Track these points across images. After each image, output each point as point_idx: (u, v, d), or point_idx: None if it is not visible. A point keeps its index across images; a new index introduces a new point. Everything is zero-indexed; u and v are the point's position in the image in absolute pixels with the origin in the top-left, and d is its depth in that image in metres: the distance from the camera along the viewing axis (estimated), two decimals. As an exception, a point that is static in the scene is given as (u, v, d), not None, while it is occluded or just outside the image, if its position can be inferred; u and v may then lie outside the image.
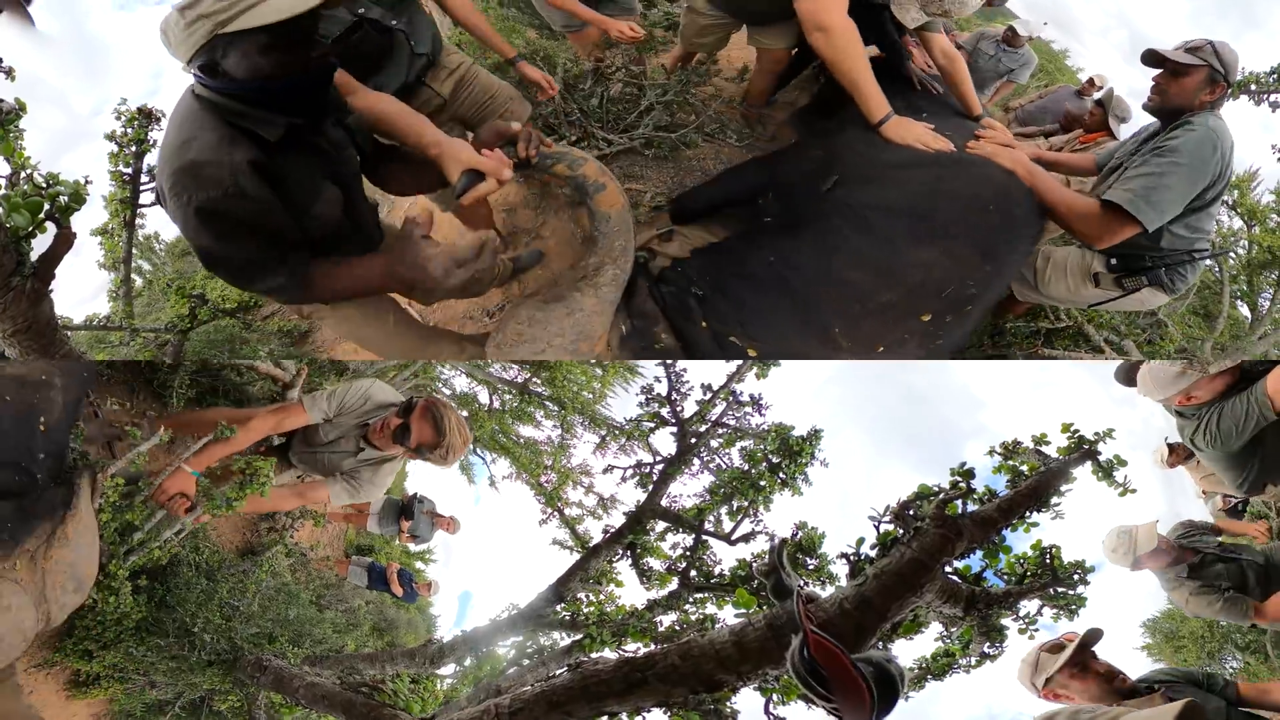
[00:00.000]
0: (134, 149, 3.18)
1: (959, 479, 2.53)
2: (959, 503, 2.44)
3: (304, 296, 2.13)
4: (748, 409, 4.49)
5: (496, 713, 2.27)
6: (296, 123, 1.94)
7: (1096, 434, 2.82)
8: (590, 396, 5.91)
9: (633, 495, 4.35)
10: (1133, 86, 5.48)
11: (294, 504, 3.98)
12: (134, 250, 3.48)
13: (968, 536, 2.31)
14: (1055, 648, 2.47)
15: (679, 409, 4.46)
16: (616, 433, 4.99)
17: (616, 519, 4.47)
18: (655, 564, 4.04)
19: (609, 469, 4.72)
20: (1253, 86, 4.09)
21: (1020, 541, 2.58)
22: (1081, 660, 2.42)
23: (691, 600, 3.68)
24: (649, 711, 2.33)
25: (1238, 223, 4.71)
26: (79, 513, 2.40)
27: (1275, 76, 4.10)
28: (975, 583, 2.44)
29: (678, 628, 3.34)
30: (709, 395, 4.37)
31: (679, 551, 4.07)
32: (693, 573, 3.86)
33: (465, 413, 5.68)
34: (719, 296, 2.30)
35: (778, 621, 2.17)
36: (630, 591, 3.96)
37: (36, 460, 2.26)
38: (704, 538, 4.15)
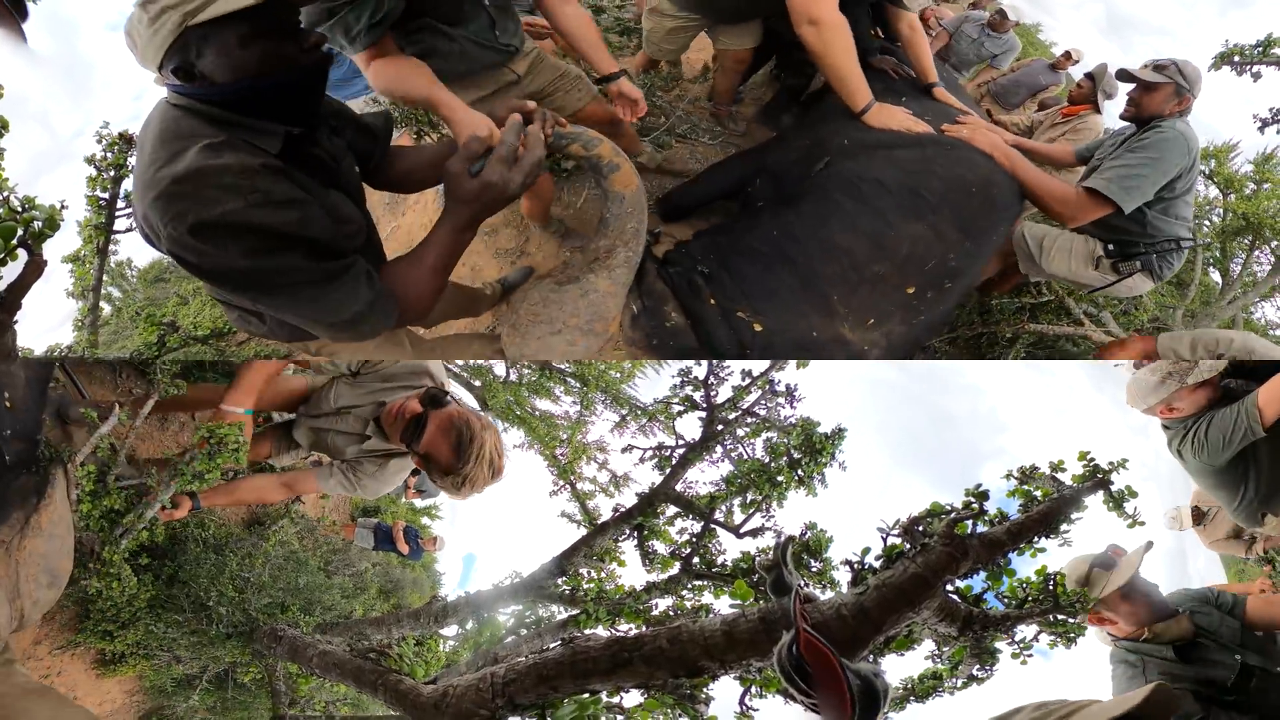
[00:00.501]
0: (112, 174, 3.12)
1: (972, 499, 2.51)
2: (969, 523, 2.43)
3: (401, 315, 1.84)
4: (781, 399, 4.51)
5: (492, 682, 2.33)
6: (294, 132, 1.69)
7: (1110, 463, 2.82)
8: (618, 376, 5.95)
9: (647, 477, 4.38)
10: (1107, 61, 5.56)
11: (280, 495, 3.71)
12: (104, 277, 3.37)
13: (973, 557, 2.31)
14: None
15: (714, 394, 4.49)
16: (638, 413, 5.00)
17: (627, 499, 4.52)
18: (660, 547, 4.07)
19: (629, 448, 4.74)
20: (1236, 59, 4.27)
21: (1025, 566, 2.58)
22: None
23: (689, 587, 3.72)
24: (628, 691, 2.37)
25: (1214, 191, 5.05)
26: (53, 503, 2.30)
27: (1260, 50, 4.24)
28: (975, 603, 2.43)
29: (672, 613, 3.38)
30: (748, 381, 4.38)
31: (685, 537, 4.11)
32: (695, 560, 3.89)
33: (479, 382, 5.67)
34: (724, 273, 2.34)
35: (771, 616, 2.22)
36: (631, 572, 4.01)
37: (4, 438, 2.14)
38: (712, 527, 4.19)
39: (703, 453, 4.49)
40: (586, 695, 2.31)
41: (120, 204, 3.21)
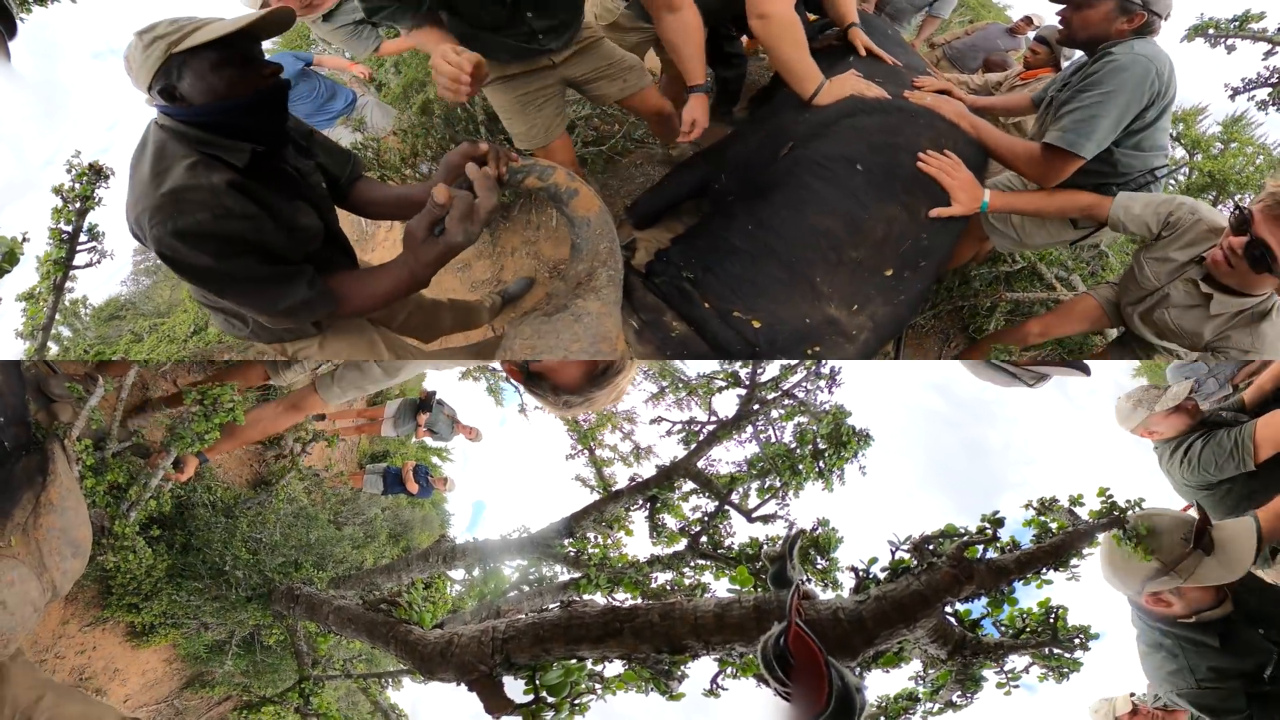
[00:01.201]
0: (78, 205, 3.11)
1: (987, 525, 2.52)
2: (980, 547, 2.45)
3: (340, 308, 2.18)
4: (823, 383, 4.52)
5: (493, 636, 2.43)
6: (259, 149, 2.02)
7: (1128, 501, 2.82)
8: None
9: (670, 451, 4.41)
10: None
11: (287, 420, 3.72)
12: (57, 315, 3.35)
13: (978, 581, 2.33)
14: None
15: (758, 372, 4.50)
16: (678, 385, 5.02)
17: (646, 471, 4.55)
18: (670, 522, 4.14)
19: (658, 420, 4.78)
20: (1210, 31, 4.37)
21: (1030, 596, 2.58)
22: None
23: (692, 565, 3.78)
24: (612, 661, 2.45)
25: (1180, 152, 5.30)
26: (59, 477, 2.44)
27: (1236, 24, 4.37)
28: (970, 628, 2.45)
29: (670, 588, 3.46)
30: (799, 360, 4.38)
31: (697, 515, 4.17)
32: (703, 539, 3.95)
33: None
34: (709, 275, 2.33)
35: (766, 606, 2.30)
36: (636, 542, 4.08)
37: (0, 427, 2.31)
38: (726, 507, 4.23)
39: (733, 431, 4.54)
40: (574, 661, 2.39)
41: (83, 238, 3.18)
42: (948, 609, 2.38)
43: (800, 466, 4.27)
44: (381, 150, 4.14)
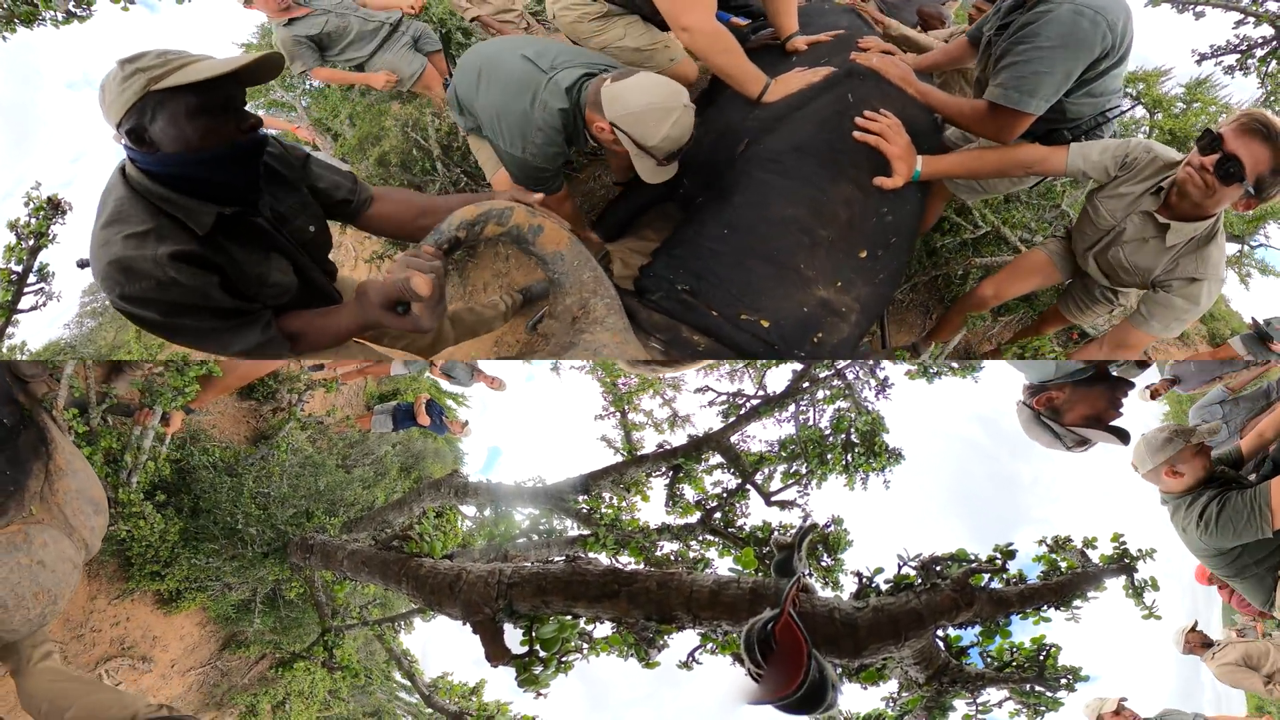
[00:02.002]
0: (32, 243, 2.99)
1: (998, 555, 2.56)
2: (986, 576, 2.48)
3: (294, 349, 2.17)
4: (874, 382, 4.57)
5: (499, 579, 2.55)
6: (226, 212, 1.91)
7: (1140, 550, 2.83)
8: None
9: (706, 422, 4.47)
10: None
11: (272, 364, 3.77)
12: None
13: (976, 609, 2.35)
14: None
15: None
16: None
17: (677, 439, 4.63)
18: (689, 493, 4.24)
19: (704, 389, 4.84)
20: None
21: (1025, 631, 2.61)
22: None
23: (700, 539, 3.87)
24: (603, 622, 2.55)
25: (1140, 112, 5.65)
26: (59, 444, 2.55)
27: None
28: (956, 655, 2.49)
29: (673, 558, 3.56)
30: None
31: (717, 490, 4.26)
32: (717, 515, 4.03)
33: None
34: (704, 284, 2.36)
35: (762, 591, 2.35)
36: (650, 509, 4.18)
37: (-6, 409, 2.37)
38: (748, 487, 4.31)
39: (776, 408, 4.59)
40: (568, 618, 2.50)
41: (31, 278, 3.08)
42: (939, 632, 2.42)
43: (829, 456, 4.33)
44: None
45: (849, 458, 4.35)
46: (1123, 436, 2.55)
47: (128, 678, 4.01)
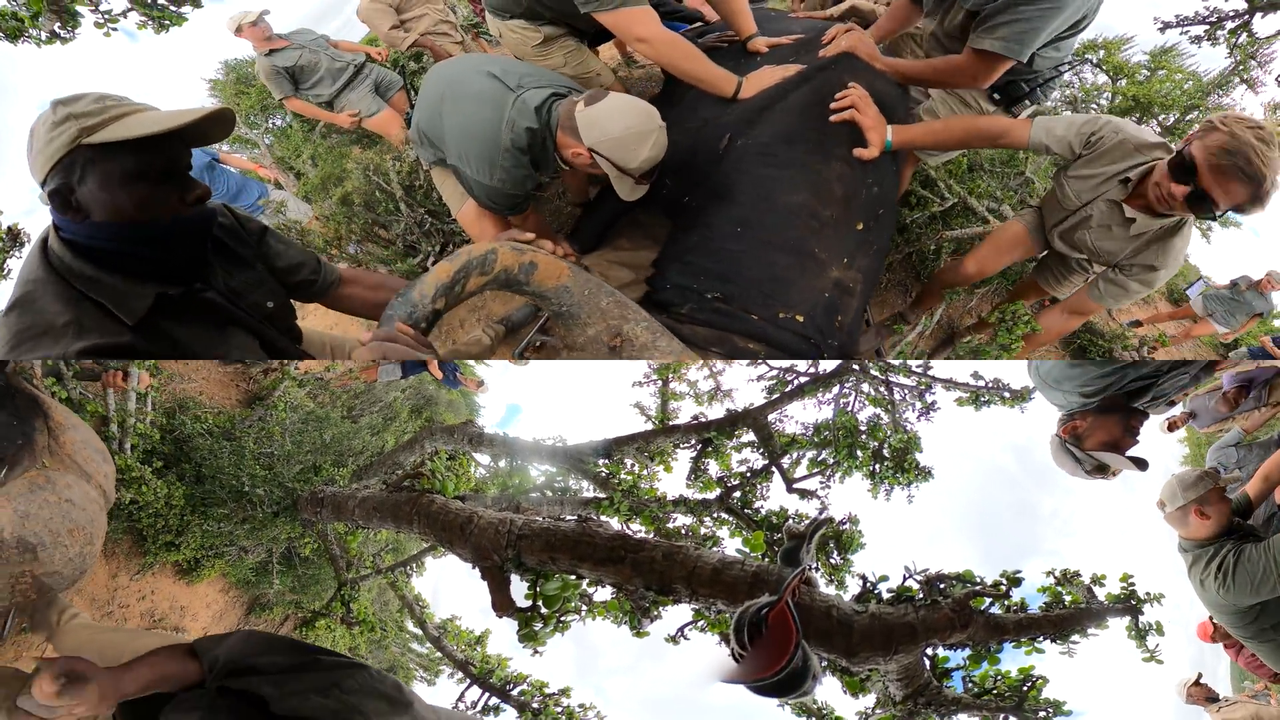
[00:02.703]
0: None
1: (1004, 581, 2.59)
2: (988, 600, 2.52)
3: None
4: (918, 404, 4.61)
5: (510, 529, 2.66)
6: (171, 294, 1.63)
7: (1148, 594, 2.83)
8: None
9: (749, 398, 4.50)
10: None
11: None
12: None
13: (971, 631, 2.39)
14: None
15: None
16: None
17: (715, 413, 4.66)
18: (714, 468, 4.30)
19: (756, 362, 4.85)
20: None
21: (1015, 659, 2.64)
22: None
23: (714, 517, 3.94)
24: (604, 586, 2.64)
25: (1102, 78, 6.05)
26: (51, 404, 2.59)
27: None
28: (938, 676, 2.54)
29: (684, 532, 3.62)
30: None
31: (741, 469, 4.32)
32: (736, 494, 4.09)
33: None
34: (734, 287, 2.38)
35: (765, 577, 2.44)
36: (670, 480, 4.26)
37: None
38: (773, 469, 4.37)
39: (820, 389, 4.61)
40: (572, 578, 2.60)
41: None
42: (929, 650, 2.48)
43: (859, 453, 4.38)
44: (305, 234, 4.20)
45: (876, 466, 4.40)
46: (1141, 465, 2.59)
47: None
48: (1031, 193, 4.75)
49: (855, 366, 4.56)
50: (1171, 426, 5.23)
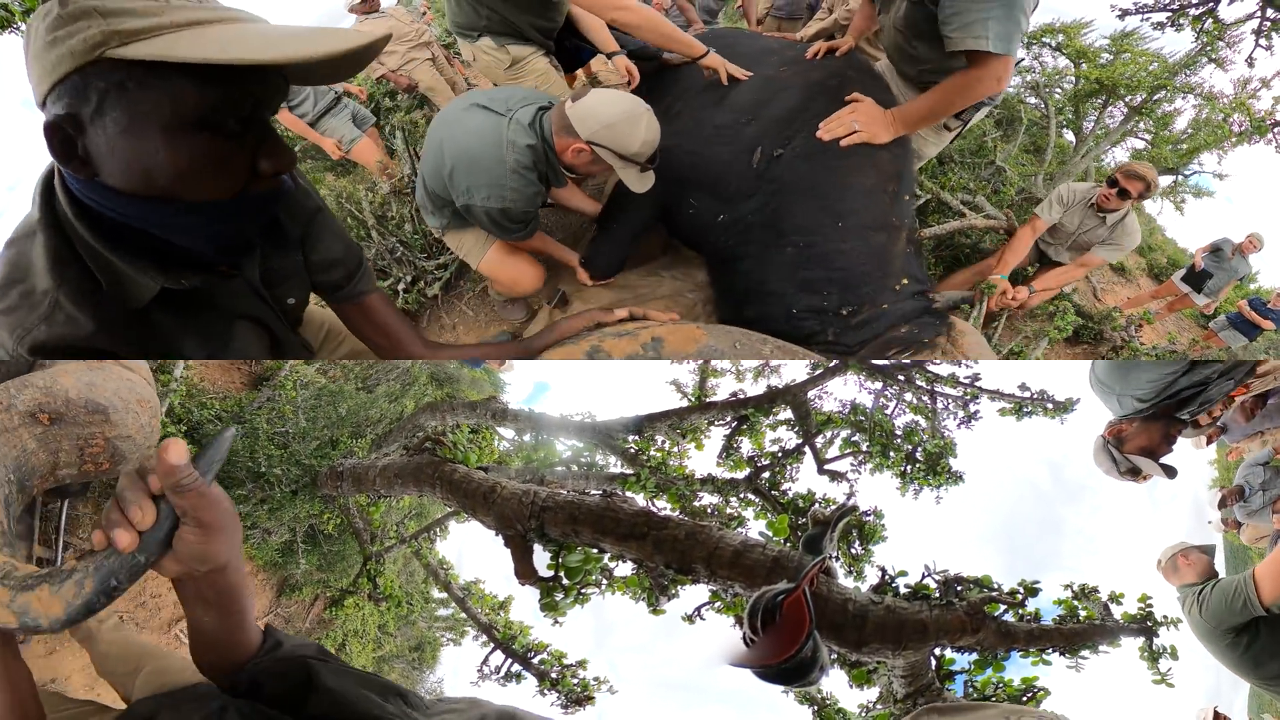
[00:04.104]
0: None
1: (1020, 590, 2.67)
2: (1002, 607, 2.60)
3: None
4: (961, 413, 4.72)
5: (533, 500, 2.80)
6: (184, 284, 1.23)
7: (1165, 618, 2.88)
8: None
9: (792, 375, 4.57)
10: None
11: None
12: None
13: (981, 636, 2.49)
14: None
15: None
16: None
17: (755, 390, 4.77)
18: (746, 447, 4.42)
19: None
20: None
21: (1020, 669, 2.74)
22: None
23: (740, 497, 4.05)
24: (625, 561, 2.76)
25: (1064, 62, 6.59)
26: None
27: None
28: (942, 678, 2.63)
29: (709, 511, 3.74)
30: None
31: (774, 448, 4.45)
32: (765, 474, 4.20)
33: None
34: (856, 292, 2.55)
35: (785, 562, 2.54)
36: (700, 458, 4.36)
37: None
38: (806, 448, 4.49)
39: (863, 367, 4.67)
40: (594, 551, 2.74)
41: None
42: (936, 650, 2.58)
43: (891, 453, 4.47)
44: None
45: (908, 468, 4.50)
46: (1170, 472, 2.70)
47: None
48: (1005, 181, 5.21)
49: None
50: (1209, 440, 5.30)
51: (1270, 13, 6.74)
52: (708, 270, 3.19)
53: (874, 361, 4.55)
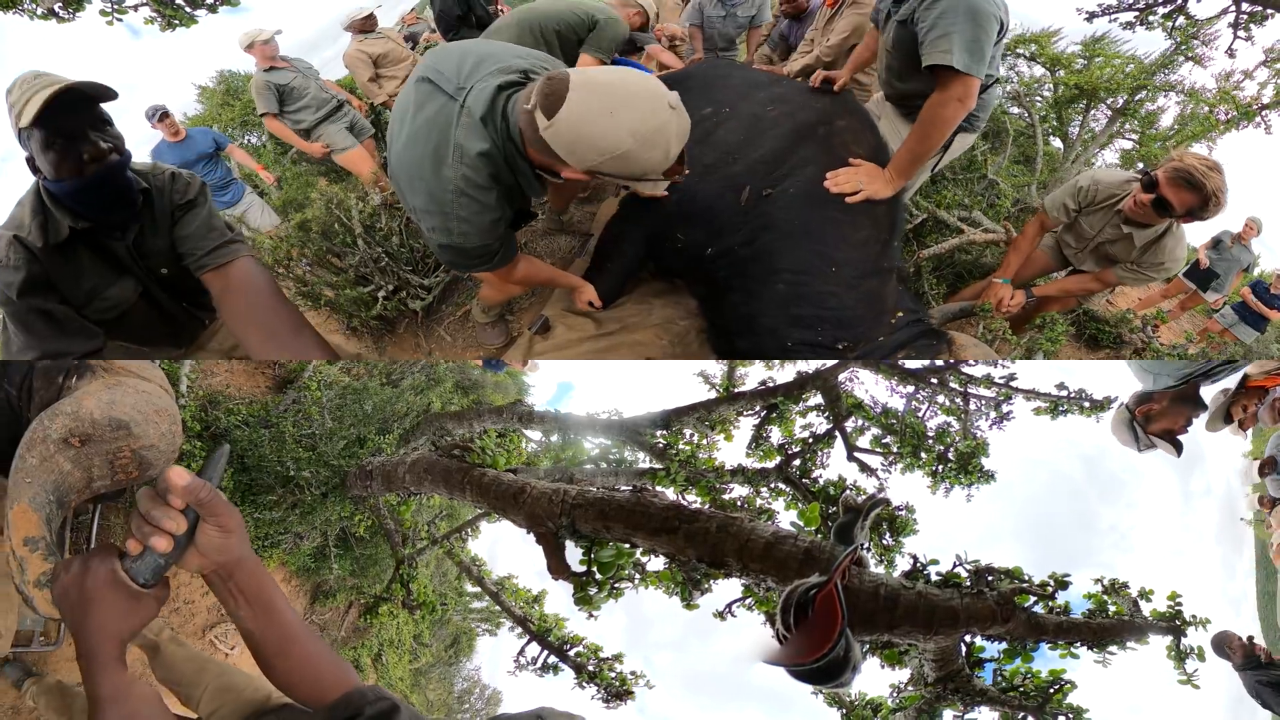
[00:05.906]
0: None
1: (1051, 583, 2.75)
2: (1032, 599, 2.68)
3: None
4: (993, 413, 4.80)
5: (563, 498, 2.92)
6: (77, 227, 2.09)
7: (1194, 617, 2.93)
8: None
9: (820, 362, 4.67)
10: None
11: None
12: None
13: (1011, 626, 2.57)
14: None
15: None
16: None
17: (784, 377, 4.85)
18: (775, 435, 4.53)
19: None
20: None
21: (1048, 662, 2.82)
22: None
23: (771, 487, 4.16)
24: (657, 555, 2.86)
25: (1039, 70, 6.83)
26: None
27: None
28: (971, 665, 2.73)
29: (739, 504, 3.86)
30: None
31: (804, 435, 4.55)
32: (795, 463, 4.30)
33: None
34: (850, 331, 2.68)
35: (817, 553, 2.61)
36: (730, 449, 4.45)
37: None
38: (836, 433, 4.58)
39: (895, 371, 4.77)
40: (626, 546, 2.86)
41: None
42: (967, 637, 2.68)
43: (922, 454, 4.57)
44: (258, 243, 4.34)
45: (939, 467, 4.60)
46: (1178, 448, 2.92)
47: (238, 642, 4.32)
48: (999, 194, 5.25)
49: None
50: (1243, 425, 5.40)
51: (1244, 5, 7.01)
52: (697, 301, 3.31)
53: (907, 365, 4.67)
